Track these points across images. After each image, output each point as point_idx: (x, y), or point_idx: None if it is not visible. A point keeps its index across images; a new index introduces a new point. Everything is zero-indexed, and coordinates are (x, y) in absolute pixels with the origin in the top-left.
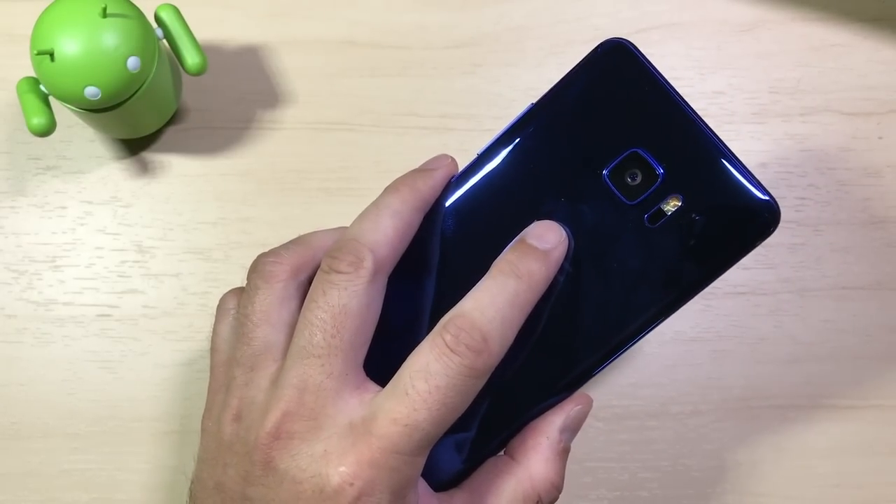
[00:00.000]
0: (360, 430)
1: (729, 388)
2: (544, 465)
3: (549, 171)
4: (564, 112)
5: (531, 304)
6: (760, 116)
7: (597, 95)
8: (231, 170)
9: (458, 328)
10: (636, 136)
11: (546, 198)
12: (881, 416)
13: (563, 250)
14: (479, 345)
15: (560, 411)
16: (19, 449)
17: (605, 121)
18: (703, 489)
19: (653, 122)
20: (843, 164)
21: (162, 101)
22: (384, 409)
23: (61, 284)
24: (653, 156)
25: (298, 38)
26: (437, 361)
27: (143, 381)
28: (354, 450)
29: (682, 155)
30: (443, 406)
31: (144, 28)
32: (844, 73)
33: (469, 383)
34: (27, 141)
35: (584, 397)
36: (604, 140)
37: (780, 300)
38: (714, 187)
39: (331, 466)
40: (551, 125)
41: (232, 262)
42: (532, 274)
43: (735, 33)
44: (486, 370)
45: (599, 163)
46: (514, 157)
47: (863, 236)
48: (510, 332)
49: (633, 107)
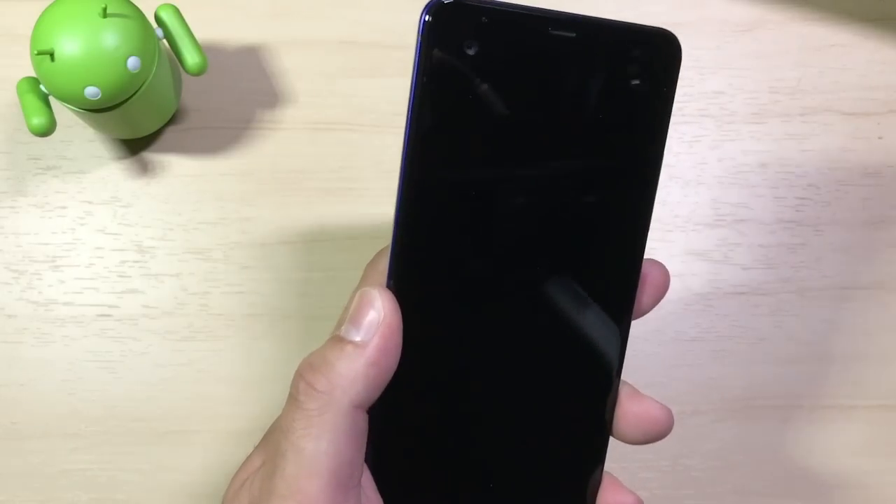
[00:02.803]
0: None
1: (729, 388)
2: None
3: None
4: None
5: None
6: (760, 116)
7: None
8: (231, 170)
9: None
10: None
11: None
12: (881, 416)
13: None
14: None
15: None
16: (19, 449)
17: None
18: (703, 489)
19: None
20: (843, 164)
21: (162, 101)
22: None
23: (61, 284)
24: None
25: (298, 38)
26: None
27: (143, 381)
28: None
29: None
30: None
31: (144, 28)
32: (844, 73)
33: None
34: (27, 141)
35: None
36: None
37: (780, 300)
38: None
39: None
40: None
41: (232, 262)
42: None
43: (735, 33)
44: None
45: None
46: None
47: (863, 236)
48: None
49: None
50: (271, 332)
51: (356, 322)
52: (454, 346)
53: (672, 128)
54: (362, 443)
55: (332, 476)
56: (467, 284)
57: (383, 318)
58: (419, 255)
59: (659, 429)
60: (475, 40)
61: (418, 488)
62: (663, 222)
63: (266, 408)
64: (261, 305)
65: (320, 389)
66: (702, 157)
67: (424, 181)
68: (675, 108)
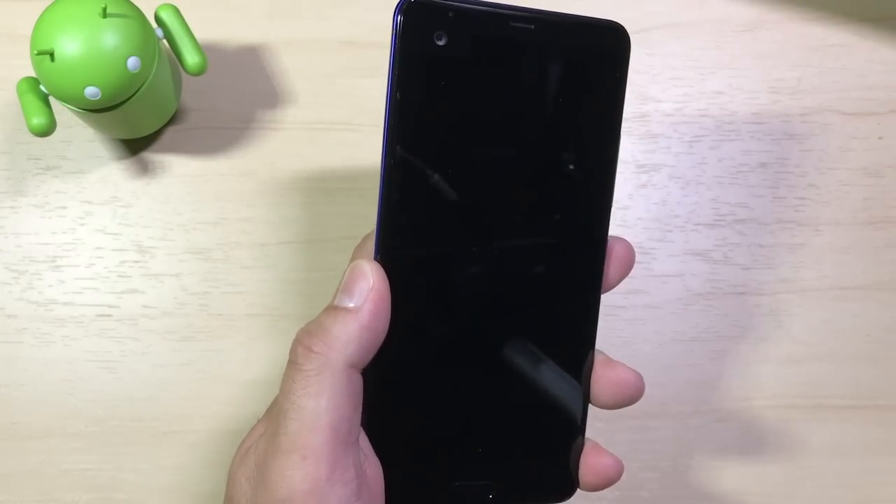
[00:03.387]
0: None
1: (729, 388)
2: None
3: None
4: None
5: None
6: (760, 116)
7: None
8: (231, 170)
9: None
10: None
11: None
12: (881, 416)
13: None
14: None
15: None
16: (19, 449)
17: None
18: (703, 489)
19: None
20: (843, 164)
21: (162, 101)
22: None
23: (61, 284)
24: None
25: (298, 38)
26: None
27: (143, 381)
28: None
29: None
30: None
31: (144, 28)
32: (844, 73)
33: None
34: (27, 141)
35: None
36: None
37: (780, 300)
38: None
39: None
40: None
41: (232, 262)
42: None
43: (735, 33)
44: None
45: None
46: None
47: (863, 236)
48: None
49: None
50: (271, 332)
51: (349, 291)
52: (439, 312)
53: (672, 128)
54: (358, 401)
55: (332, 431)
56: (449, 252)
57: (373, 285)
58: (402, 229)
59: (631, 392)
60: (445, 34)
61: (411, 448)
62: (663, 222)
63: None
64: (261, 305)
65: (317, 351)
66: (702, 157)
67: (403, 160)
68: (676, 107)
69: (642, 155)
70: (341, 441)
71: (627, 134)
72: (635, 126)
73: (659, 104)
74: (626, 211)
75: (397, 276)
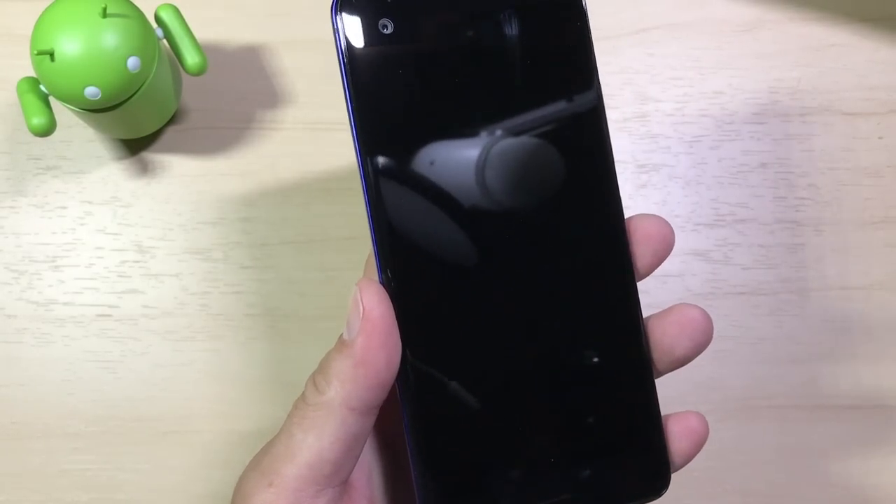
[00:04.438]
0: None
1: (729, 388)
2: None
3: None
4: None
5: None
6: (760, 116)
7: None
8: (231, 170)
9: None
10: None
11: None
12: (881, 416)
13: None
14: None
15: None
16: (19, 449)
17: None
18: (703, 489)
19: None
20: (843, 164)
21: (162, 101)
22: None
23: (61, 284)
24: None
25: (298, 38)
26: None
27: (143, 381)
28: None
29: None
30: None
31: (144, 28)
32: (844, 73)
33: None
34: (27, 141)
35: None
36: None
37: (780, 300)
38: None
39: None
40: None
41: (232, 262)
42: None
43: (735, 33)
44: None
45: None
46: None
47: (863, 236)
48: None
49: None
50: (271, 332)
51: (347, 321)
52: (467, 321)
53: (672, 128)
54: (353, 445)
55: (307, 467)
56: (458, 253)
57: (365, 315)
58: (400, 238)
59: (698, 326)
60: (389, 21)
61: (473, 480)
62: None
63: (266, 408)
64: (261, 305)
65: (320, 389)
66: (702, 157)
67: (382, 165)
68: (676, 107)
69: (642, 155)
70: (315, 481)
71: (627, 134)
72: (635, 126)
73: (659, 104)
74: (627, 211)
75: (409, 293)
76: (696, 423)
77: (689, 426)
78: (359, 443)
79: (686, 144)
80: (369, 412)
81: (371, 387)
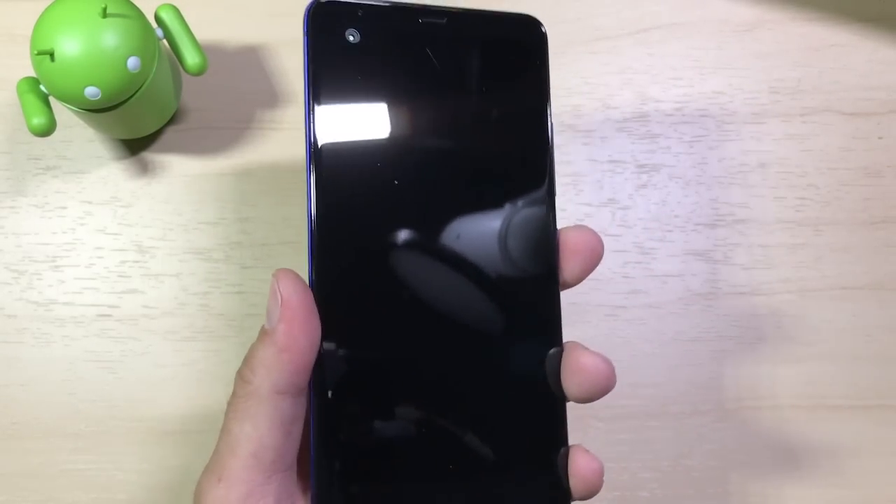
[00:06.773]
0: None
1: (729, 388)
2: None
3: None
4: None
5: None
6: (760, 116)
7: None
8: (231, 170)
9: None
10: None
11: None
12: (881, 416)
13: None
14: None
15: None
16: (19, 449)
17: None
18: (703, 489)
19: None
20: (843, 164)
21: (162, 101)
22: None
23: (61, 284)
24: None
25: (298, 38)
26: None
27: (143, 381)
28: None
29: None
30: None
31: (144, 28)
32: (844, 73)
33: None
34: (27, 141)
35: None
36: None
37: (780, 300)
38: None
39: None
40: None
41: (232, 262)
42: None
43: (735, 33)
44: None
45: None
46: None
47: (863, 236)
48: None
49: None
50: None
51: (267, 310)
52: (386, 316)
53: (672, 128)
54: (290, 430)
55: (250, 457)
56: (387, 250)
57: (284, 302)
58: (332, 231)
59: (595, 380)
60: (356, 31)
61: (368, 477)
62: (663, 222)
63: None
64: (261, 305)
65: (245, 379)
66: (702, 157)
67: (327, 157)
68: (676, 107)
69: (642, 155)
70: (262, 468)
71: (627, 134)
72: (635, 126)
73: (659, 104)
74: (627, 211)
75: (335, 282)
76: (593, 468)
77: (585, 468)
78: (296, 426)
79: (686, 144)
80: (300, 393)
81: (297, 370)
